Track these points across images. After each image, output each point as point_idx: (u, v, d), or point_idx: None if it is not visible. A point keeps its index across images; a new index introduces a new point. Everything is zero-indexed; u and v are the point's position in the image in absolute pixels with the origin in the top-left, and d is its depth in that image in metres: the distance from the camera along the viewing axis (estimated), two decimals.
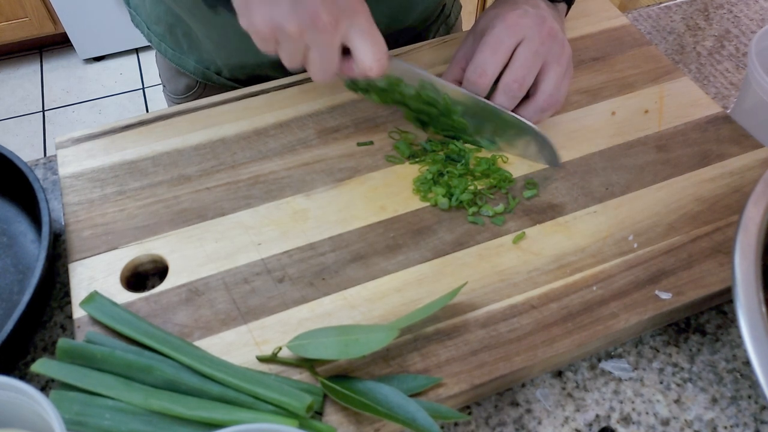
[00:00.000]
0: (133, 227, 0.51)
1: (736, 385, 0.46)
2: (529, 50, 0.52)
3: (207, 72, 0.73)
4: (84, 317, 0.45)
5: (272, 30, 0.44)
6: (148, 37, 0.74)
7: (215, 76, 0.73)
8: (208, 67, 0.72)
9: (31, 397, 0.33)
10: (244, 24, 0.46)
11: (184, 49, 0.72)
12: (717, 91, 0.67)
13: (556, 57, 0.53)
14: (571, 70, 0.55)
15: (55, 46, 2.33)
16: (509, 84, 0.52)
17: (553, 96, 0.53)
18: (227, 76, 0.73)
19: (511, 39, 0.52)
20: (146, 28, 0.74)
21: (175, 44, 0.72)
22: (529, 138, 0.54)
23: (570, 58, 0.54)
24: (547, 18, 0.53)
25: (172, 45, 0.72)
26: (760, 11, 0.76)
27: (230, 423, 0.37)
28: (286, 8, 0.43)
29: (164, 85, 0.81)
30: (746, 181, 0.54)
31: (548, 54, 0.52)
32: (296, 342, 0.43)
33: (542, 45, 0.52)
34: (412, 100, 0.55)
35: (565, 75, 0.54)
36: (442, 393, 0.42)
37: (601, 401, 0.45)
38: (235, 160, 0.56)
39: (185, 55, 0.73)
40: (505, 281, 0.47)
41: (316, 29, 0.43)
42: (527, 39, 0.52)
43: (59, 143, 0.57)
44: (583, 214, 0.52)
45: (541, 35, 0.52)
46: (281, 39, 0.45)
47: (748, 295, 0.38)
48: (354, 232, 0.51)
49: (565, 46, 0.54)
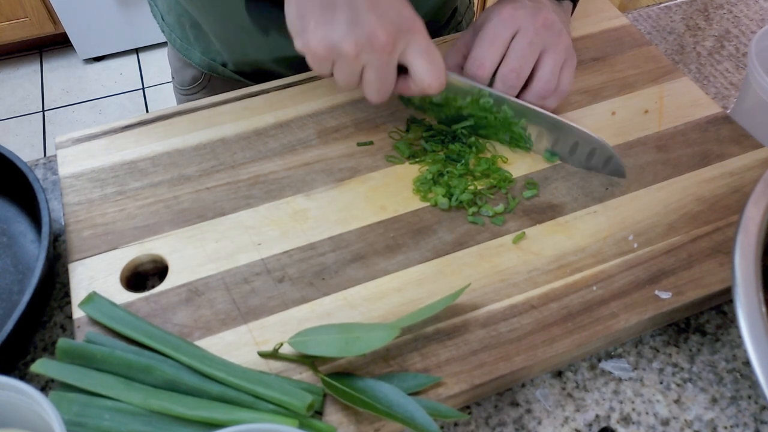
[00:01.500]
0: (133, 227, 0.51)
1: (736, 385, 0.46)
2: (525, 40, 0.52)
3: (212, 64, 0.73)
4: (84, 317, 0.45)
5: (329, 51, 0.44)
6: (161, 26, 0.76)
7: (221, 68, 0.74)
8: (213, 59, 0.73)
9: (31, 397, 0.33)
10: (299, 45, 0.45)
11: (191, 41, 0.73)
12: (717, 91, 0.67)
13: (553, 46, 0.53)
14: (574, 59, 0.55)
15: (55, 46, 2.33)
16: (507, 74, 0.53)
17: (550, 82, 0.53)
18: (232, 69, 0.73)
19: (507, 31, 0.52)
20: (161, 19, 0.75)
21: (183, 35, 0.73)
22: (591, 148, 0.53)
23: (569, 47, 0.55)
24: (542, 9, 0.53)
25: (181, 36, 0.74)
26: (760, 11, 0.76)
27: (230, 423, 0.37)
28: (344, 29, 0.43)
29: (173, 76, 0.82)
30: (746, 181, 0.54)
31: (544, 43, 0.53)
32: (297, 338, 0.43)
33: (537, 35, 0.52)
34: (469, 108, 0.55)
35: (565, 64, 0.54)
36: (442, 393, 0.42)
37: (601, 401, 0.45)
38: (235, 160, 0.56)
39: (192, 47, 0.74)
40: (505, 281, 0.47)
41: (373, 49, 0.43)
42: (522, 30, 0.52)
43: (59, 143, 0.57)
44: (583, 214, 0.52)
45: (536, 25, 0.52)
46: (337, 60, 0.45)
47: (748, 295, 0.38)
48: (354, 232, 0.51)
49: (563, 35, 0.54)
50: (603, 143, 0.52)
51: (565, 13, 0.59)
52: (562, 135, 0.54)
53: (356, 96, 0.60)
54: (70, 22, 2.10)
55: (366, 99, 0.49)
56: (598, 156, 0.53)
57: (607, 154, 0.53)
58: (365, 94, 0.48)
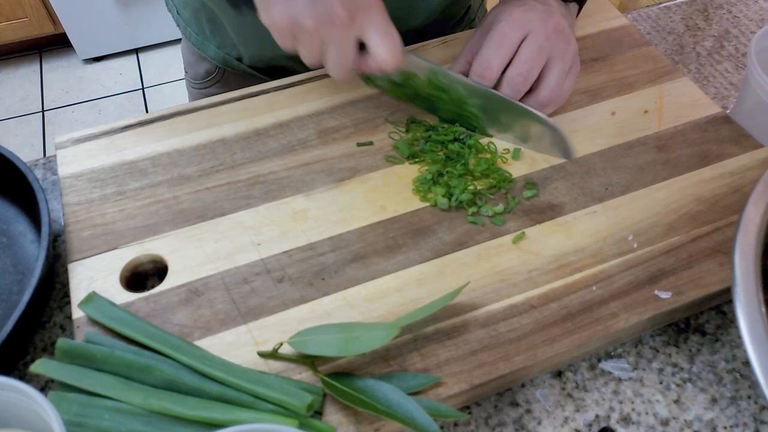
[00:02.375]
0: (133, 227, 0.51)
1: (736, 385, 0.46)
2: (534, 44, 0.52)
3: (227, 58, 0.74)
4: (83, 317, 0.45)
5: (290, 25, 0.45)
6: (176, 20, 0.77)
7: (235, 62, 0.74)
8: (228, 53, 0.74)
9: (31, 398, 0.33)
10: (264, 19, 0.47)
11: (207, 35, 0.74)
12: (717, 91, 0.67)
13: (561, 52, 0.53)
14: (578, 66, 0.56)
15: (54, 46, 2.33)
16: (513, 78, 0.53)
17: (554, 91, 0.54)
18: (247, 63, 0.74)
19: (517, 33, 0.52)
20: (176, 12, 0.76)
21: (199, 29, 0.74)
22: (542, 130, 0.54)
23: (575, 54, 0.55)
24: (553, 13, 0.53)
25: (197, 30, 0.74)
26: (760, 11, 0.76)
27: (230, 423, 0.37)
28: (303, 4, 0.44)
29: (186, 71, 0.83)
30: (746, 181, 0.54)
31: (553, 49, 0.53)
32: (297, 338, 0.43)
33: (547, 39, 0.52)
34: (424, 87, 0.55)
35: (569, 71, 0.54)
36: (441, 393, 0.42)
37: (601, 401, 0.45)
38: (235, 160, 0.56)
39: (207, 41, 0.74)
40: (504, 281, 0.47)
41: (332, 25, 0.44)
42: (532, 33, 0.52)
43: (59, 143, 0.57)
44: (582, 214, 0.52)
45: (546, 30, 0.52)
46: (299, 34, 0.46)
47: (748, 295, 0.38)
48: (354, 232, 0.51)
49: (571, 42, 0.54)
50: (552, 124, 0.53)
51: (570, 15, 0.59)
52: (514, 116, 0.54)
53: (356, 96, 0.60)
54: (69, 22, 2.10)
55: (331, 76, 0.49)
56: (549, 138, 0.54)
57: (558, 135, 0.54)
58: (327, 69, 0.49)
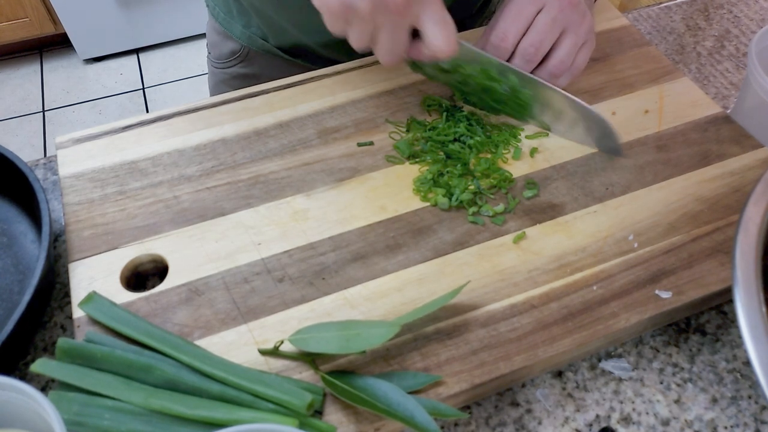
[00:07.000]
0: (133, 227, 0.51)
1: (736, 385, 0.46)
2: (548, 17, 0.53)
3: (253, 37, 0.75)
4: (84, 317, 0.45)
5: (344, 9, 0.44)
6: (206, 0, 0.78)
7: (260, 42, 0.75)
8: (255, 33, 0.75)
9: (31, 397, 0.33)
10: (317, 2, 0.46)
11: (234, 14, 0.75)
12: (717, 91, 0.67)
13: (575, 26, 0.54)
14: (593, 42, 0.56)
15: (55, 46, 2.33)
16: (526, 48, 0.54)
17: (565, 62, 0.54)
18: (273, 44, 0.75)
19: (532, 6, 0.53)
20: None
21: (227, 9, 0.75)
22: (590, 125, 0.54)
23: (590, 29, 0.55)
24: None
25: (224, 9, 0.76)
26: (760, 11, 0.76)
27: (230, 422, 0.37)
28: None
29: (209, 51, 0.83)
30: (746, 181, 0.54)
31: (567, 22, 0.54)
32: (298, 336, 0.43)
33: (561, 12, 0.53)
34: (478, 77, 0.55)
35: (583, 46, 0.55)
36: (442, 392, 0.42)
37: (601, 401, 0.45)
38: (235, 160, 0.56)
39: (234, 20, 0.75)
40: (505, 281, 0.47)
41: (387, 11, 0.44)
42: (547, 6, 0.53)
43: (59, 143, 0.57)
44: (583, 214, 0.52)
45: (561, 3, 0.53)
46: (352, 19, 0.45)
47: (748, 295, 0.38)
48: (354, 231, 0.51)
49: (586, 17, 0.55)
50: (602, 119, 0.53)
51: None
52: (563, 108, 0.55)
53: (356, 96, 0.60)
54: (70, 23, 2.10)
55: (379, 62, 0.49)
56: (596, 132, 0.54)
57: (606, 131, 0.54)
58: (377, 55, 0.49)
